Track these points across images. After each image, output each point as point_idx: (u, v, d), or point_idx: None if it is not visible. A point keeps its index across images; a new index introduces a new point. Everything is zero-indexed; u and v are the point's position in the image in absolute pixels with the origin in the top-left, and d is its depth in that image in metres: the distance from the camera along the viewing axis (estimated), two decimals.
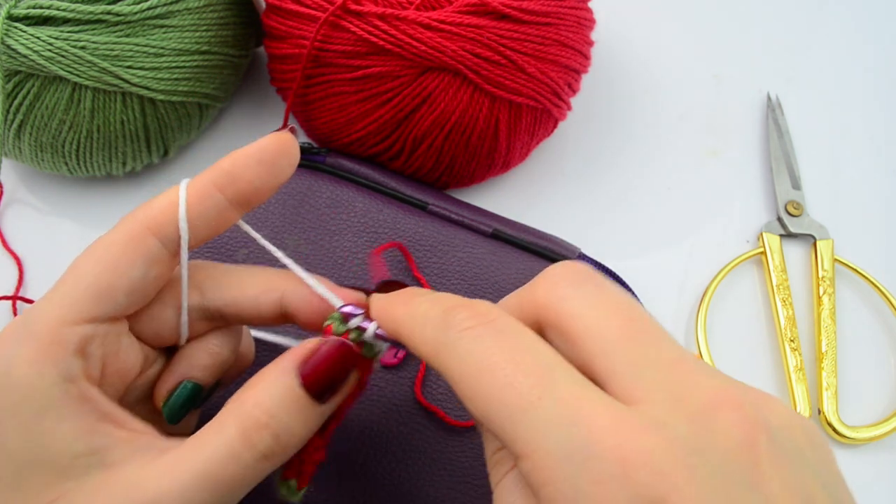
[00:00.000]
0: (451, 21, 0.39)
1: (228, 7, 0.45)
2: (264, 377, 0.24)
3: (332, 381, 0.24)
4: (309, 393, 0.24)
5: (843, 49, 0.56)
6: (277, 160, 0.26)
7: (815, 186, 0.49)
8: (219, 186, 0.26)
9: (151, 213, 0.26)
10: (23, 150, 0.43)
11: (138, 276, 0.25)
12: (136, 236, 0.25)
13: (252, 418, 0.23)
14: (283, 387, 0.24)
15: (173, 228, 0.25)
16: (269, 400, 0.23)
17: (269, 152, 0.26)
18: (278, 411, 0.23)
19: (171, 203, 0.26)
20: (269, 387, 0.24)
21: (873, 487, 0.40)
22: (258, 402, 0.23)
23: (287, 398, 0.24)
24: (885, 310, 0.45)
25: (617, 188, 0.49)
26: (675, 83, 0.54)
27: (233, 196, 0.26)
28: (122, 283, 0.25)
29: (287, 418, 0.23)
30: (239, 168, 0.26)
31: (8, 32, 0.38)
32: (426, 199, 0.42)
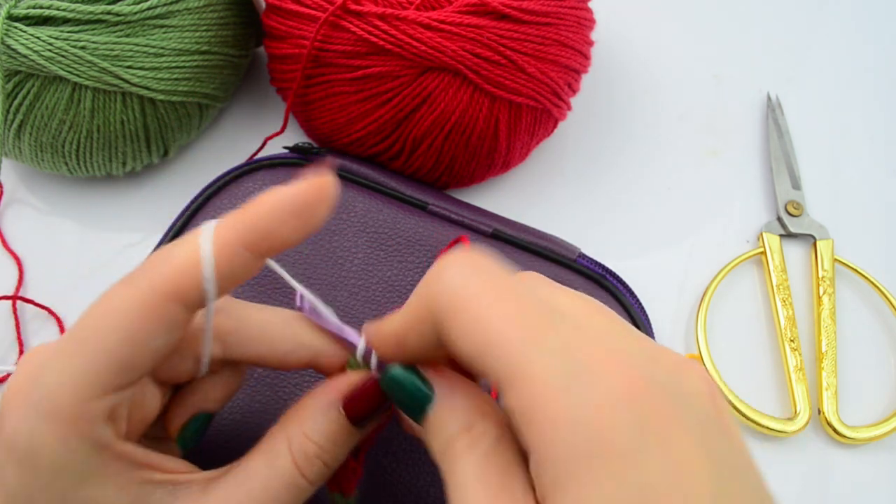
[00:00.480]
0: (451, 21, 0.39)
1: (228, 7, 0.45)
2: (311, 409, 0.26)
3: (372, 411, 0.25)
4: (352, 423, 0.25)
5: (843, 49, 0.56)
6: (315, 211, 0.24)
7: (815, 186, 0.49)
8: (248, 245, 0.23)
9: (172, 275, 0.23)
10: (23, 150, 0.43)
11: (161, 344, 0.23)
12: (157, 306, 0.23)
13: (304, 450, 0.25)
14: (331, 421, 0.25)
15: (196, 293, 0.23)
16: (319, 434, 0.25)
17: (308, 204, 0.23)
18: (327, 443, 0.25)
19: (192, 264, 0.23)
20: (317, 421, 0.25)
21: (873, 487, 0.40)
22: (308, 435, 0.25)
23: (335, 430, 0.25)
24: (885, 310, 0.45)
25: (617, 188, 0.49)
26: (675, 83, 0.54)
27: (264, 252, 0.24)
28: (143, 354, 0.23)
29: (334, 448, 0.25)
30: (271, 224, 0.23)
31: (8, 32, 0.38)
32: (426, 199, 0.42)
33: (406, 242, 0.41)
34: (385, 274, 0.40)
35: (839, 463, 0.40)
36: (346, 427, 0.25)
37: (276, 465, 0.24)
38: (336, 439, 0.25)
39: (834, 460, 0.40)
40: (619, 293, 0.40)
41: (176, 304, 0.23)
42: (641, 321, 0.40)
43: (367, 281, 0.39)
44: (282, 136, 0.47)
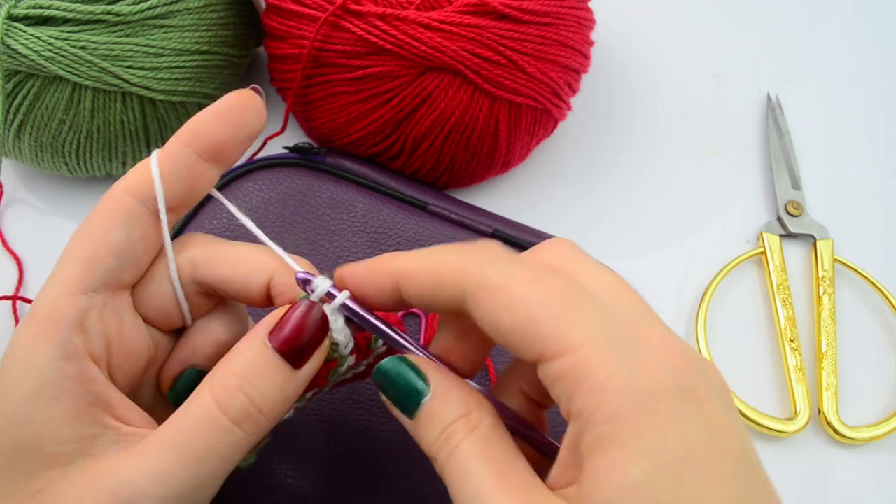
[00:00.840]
0: (451, 21, 0.39)
1: (228, 7, 0.45)
2: (238, 345, 0.25)
3: (304, 342, 0.24)
4: (282, 355, 0.24)
5: (843, 49, 0.56)
6: (239, 112, 0.26)
7: (815, 186, 0.49)
8: (185, 142, 0.26)
9: (127, 178, 0.26)
10: (23, 150, 0.43)
11: (121, 236, 0.25)
12: (114, 201, 0.26)
13: (224, 382, 0.23)
14: (254, 350, 0.24)
15: (149, 187, 0.26)
16: (241, 364, 0.24)
17: (228, 105, 0.26)
18: (249, 373, 0.23)
19: (144, 166, 0.26)
20: (240, 352, 0.24)
21: (873, 487, 0.40)
22: (230, 367, 0.24)
23: (258, 361, 0.24)
24: (885, 310, 0.45)
25: (617, 188, 0.49)
26: (675, 83, 0.54)
27: (199, 149, 0.26)
28: (107, 247, 0.25)
29: (259, 381, 0.23)
30: (201, 123, 0.26)
31: (8, 32, 0.38)
32: (426, 199, 0.42)
33: (406, 242, 0.41)
34: None
35: (839, 463, 0.40)
36: (272, 358, 0.24)
37: (194, 402, 0.23)
38: (261, 371, 0.23)
39: (834, 460, 0.40)
40: None
41: (129, 197, 0.26)
42: None
43: None
44: (282, 136, 0.47)
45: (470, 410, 0.23)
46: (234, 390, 0.23)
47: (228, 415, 0.23)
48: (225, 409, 0.23)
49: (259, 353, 0.24)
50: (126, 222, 0.26)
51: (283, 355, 0.24)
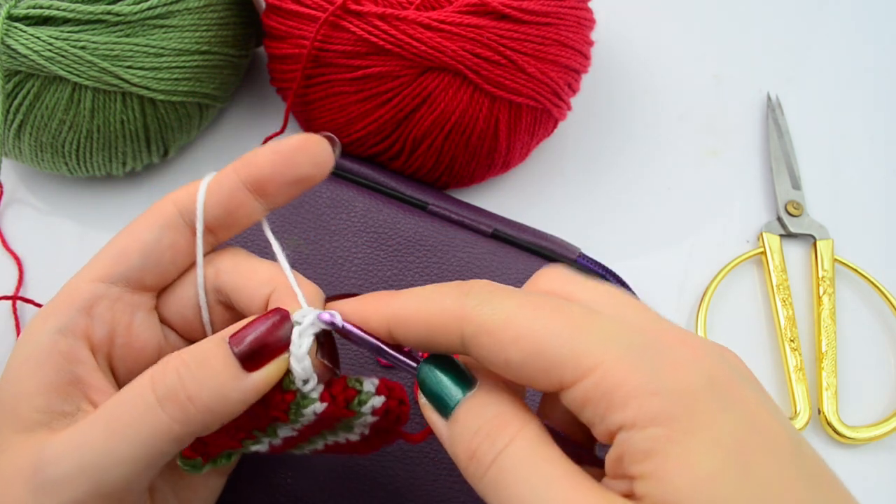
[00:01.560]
0: (451, 21, 0.39)
1: (228, 7, 0.45)
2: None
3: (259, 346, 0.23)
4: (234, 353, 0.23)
5: (843, 49, 0.56)
6: (294, 154, 0.27)
7: (815, 186, 0.49)
8: (234, 168, 0.27)
9: (178, 190, 0.27)
10: (23, 150, 0.43)
11: (152, 238, 0.26)
12: (159, 207, 0.27)
13: (166, 361, 0.23)
14: (210, 342, 0.23)
15: (192, 200, 0.27)
16: (190, 350, 0.23)
17: (286, 145, 0.27)
18: (193, 359, 0.23)
19: (194, 183, 0.27)
20: (198, 343, 0.24)
21: (873, 487, 0.40)
22: (180, 351, 0.23)
23: (208, 351, 0.23)
24: (885, 310, 0.45)
25: (617, 188, 0.49)
26: (675, 83, 0.54)
27: (245, 177, 0.27)
28: (135, 245, 0.26)
29: (199, 369, 0.23)
30: (256, 154, 0.27)
31: (8, 32, 0.38)
32: (426, 199, 0.42)
33: (406, 242, 0.41)
34: (385, 274, 0.40)
35: (839, 463, 0.40)
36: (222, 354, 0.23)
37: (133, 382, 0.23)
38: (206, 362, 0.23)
39: (834, 460, 0.40)
40: None
41: (171, 205, 0.27)
42: None
43: (367, 281, 0.39)
44: (282, 136, 0.47)
45: (518, 408, 0.22)
46: (171, 370, 0.23)
47: (156, 392, 0.22)
48: (154, 386, 0.22)
49: (212, 345, 0.23)
50: (160, 227, 0.27)
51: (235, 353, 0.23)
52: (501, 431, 0.21)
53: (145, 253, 0.26)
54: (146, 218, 0.27)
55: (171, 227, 0.27)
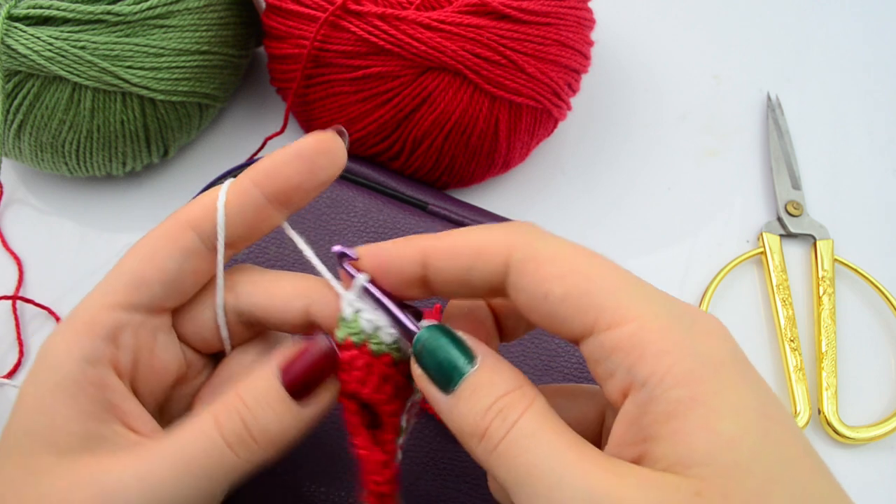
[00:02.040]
0: (451, 21, 0.39)
1: (228, 7, 0.45)
2: (250, 374, 0.25)
3: (308, 380, 0.24)
4: (287, 388, 0.24)
5: (843, 49, 0.56)
6: (316, 157, 0.26)
7: (815, 186, 0.49)
8: (256, 183, 0.26)
9: (192, 210, 0.26)
10: (23, 150, 0.43)
11: (174, 267, 0.26)
12: (175, 230, 0.26)
13: (227, 405, 0.24)
14: (262, 380, 0.24)
15: (211, 224, 0.26)
16: (246, 389, 0.24)
17: (307, 149, 0.26)
18: (253, 402, 0.24)
19: (211, 200, 0.26)
20: (250, 381, 0.24)
21: (873, 487, 0.40)
22: (238, 393, 0.24)
23: (264, 390, 0.24)
24: (885, 310, 0.45)
25: (617, 188, 0.49)
26: (675, 83, 0.54)
27: (270, 192, 0.26)
28: (157, 274, 0.25)
29: (260, 410, 0.24)
30: (276, 165, 0.26)
31: (8, 32, 0.38)
32: (426, 199, 0.42)
33: None
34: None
35: (839, 463, 0.40)
36: (276, 390, 0.24)
37: (197, 419, 0.24)
38: (264, 401, 0.24)
39: (834, 460, 0.40)
40: None
41: (190, 232, 0.26)
42: None
43: None
44: (282, 136, 0.47)
45: (523, 383, 0.22)
46: (234, 413, 0.24)
47: (223, 435, 0.23)
48: (221, 429, 0.23)
49: (266, 382, 0.24)
50: (182, 254, 0.26)
51: (288, 388, 0.24)
52: (512, 408, 0.21)
53: (168, 282, 0.26)
54: (165, 243, 0.26)
55: (193, 254, 0.26)
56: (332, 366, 0.24)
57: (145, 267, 0.26)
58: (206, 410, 0.24)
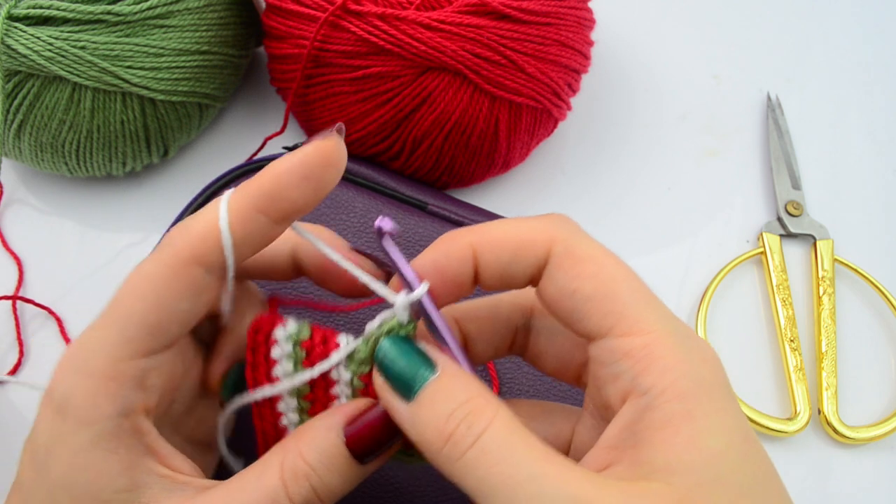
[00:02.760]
0: (451, 21, 0.39)
1: (228, 7, 0.45)
2: (311, 429, 0.25)
3: (375, 445, 0.24)
4: (352, 453, 0.24)
5: (843, 49, 0.56)
6: (322, 173, 0.24)
7: (815, 186, 0.49)
8: (260, 209, 0.24)
9: (192, 241, 0.24)
10: (23, 150, 0.43)
11: (187, 307, 0.25)
12: (180, 269, 0.24)
13: (294, 468, 0.24)
14: (328, 443, 0.24)
15: (216, 256, 0.24)
16: (313, 453, 0.24)
17: (312, 166, 0.24)
18: (319, 466, 0.24)
19: (211, 229, 0.24)
20: (314, 440, 0.24)
21: (873, 487, 0.40)
22: (302, 454, 0.24)
23: (330, 454, 0.24)
24: (885, 310, 0.45)
25: (617, 188, 0.49)
26: (675, 83, 0.54)
27: (276, 217, 0.24)
28: (172, 317, 0.24)
29: (327, 474, 0.24)
30: (281, 188, 0.24)
31: (8, 32, 0.38)
32: (426, 199, 0.42)
33: (406, 242, 0.41)
34: None
35: (839, 463, 0.40)
36: (343, 454, 0.24)
37: (264, 478, 0.24)
38: (331, 464, 0.24)
39: (834, 460, 0.40)
40: None
41: (198, 268, 0.24)
42: None
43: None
44: (282, 136, 0.47)
45: (483, 392, 0.22)
46: (303, 479, 0.23)
47: (291, 499, 0.23)
48: (290, 496, 0.23)
49: (332, 447, 0.24)
50: (193, 294, 0.25)
51: (353, 452, 0.24)
52: (479, 416, 0.21)
53: (184, 322, 0.25)
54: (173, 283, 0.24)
55: (204, 290, 0.25)
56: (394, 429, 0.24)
57: (158, 314, 0.24)
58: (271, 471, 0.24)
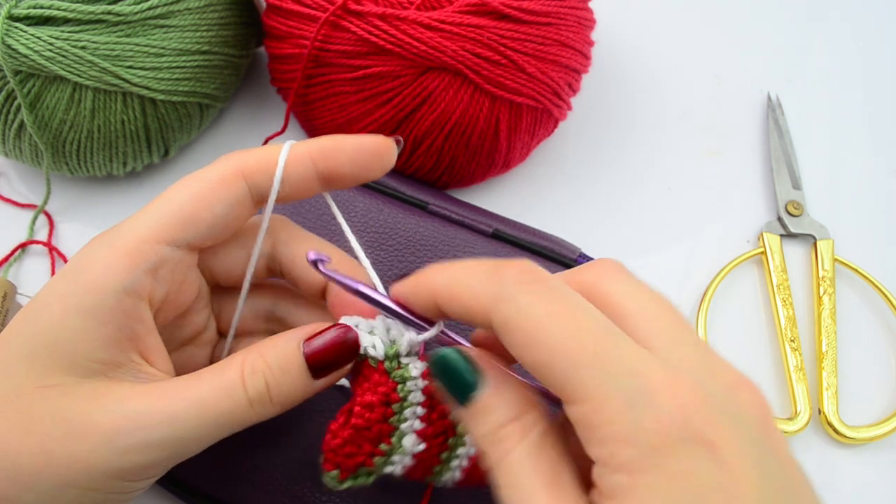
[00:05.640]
0: (451, 21, 0.39)
1: (229, 7, 0.45)
2: (275, 338, 0.27)
3: (328, 363, 0.26)
4: (307, 365, 0.26)
5: (843, 49, 0.56)
6: (370, 158, 0.28)
7: (815, 186, 0.49)
8: (313, 157, 0.28)
9: (247, 160, 0.27)
10: (23, 150, 0.43)
11: (222, 212, 0.27)
12: (229, 177, 0.27)
13: (253, 365, 0.26)
14: (287, 349, 0.26)
15: (262, 178, 0.27)
16: (272, 354, 0.26)
17: (366, 147, 0.28)
18: (276, 366, 0.26)
19: (267, 156, 0.28)
20: (275, 345, 0.26)
21: (873, 487, 0.40)
22: (262, 353, 0.26)
23: (287, 359, 0.26)
24: (885, 310, 0.45)
25: (617, 188, 0.49)
26: (675, 83, 0.54)
27: (322, 169, 0.28)
28: (206, 215, 0.27)
29: (281, 375, 0.26)
30: (336, 149, 0.28)
31: (8, 32, 0.38)
32: (426, 199, 0.42)
33: (406, 242, 0.41)
34: (385, 274, 0.40)
35: (839, 463, 0.40)
36: (299, 362, 0.26)
37: (225, 372, 0.26)
38: (286, 367, 0.26)
39: (834, 460, 0.40)
40: None
41: (242, 182, 0.27)
42: None
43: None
44: (282, 136, 0.47)
45: (523, 413, 0.23)
46: (259, 374, 0.26)
47: (247, 393, 0.26)
48: (246, 387, 0.26)
49: (290, 354, 0.26)
50: (231, 202, 0.27)
51: (308, 364, 0.26)
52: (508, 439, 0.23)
53: (214, 225, 0.27)
54: (217, 186, 0.27)
55: (240, 203, 0.27)
56: (351, 355, 0.26)
57: (196, 207, 0.27)
58: (232, 366, 0.26)
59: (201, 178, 0.27)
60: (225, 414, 0.25)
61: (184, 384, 0.26)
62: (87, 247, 0.27)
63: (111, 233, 0.27)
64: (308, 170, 0.28)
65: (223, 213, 0.27)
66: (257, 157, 0.28)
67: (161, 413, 0.25)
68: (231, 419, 0.26)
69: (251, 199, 0.28)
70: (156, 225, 0.26)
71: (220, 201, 0.27)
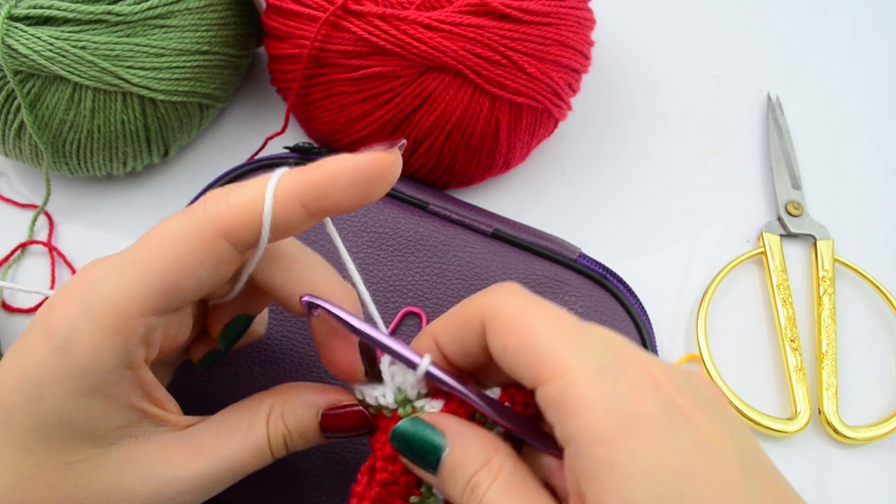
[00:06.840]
0: (451, 21, 0.39)
1: (229, 7, 0.45)
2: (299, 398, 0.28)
3: (342, 433, 0.28)
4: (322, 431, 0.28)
5: (843, 49, 0.56)
6: (372, 185, 0.25)
7: (815, 186, 0.49)
8: (304, 202, 0.24)
9: (227, 214, 0.24)
10: (23, 150, 0.43)
11: (206, 276, 0.25)
12: (209, 239, 0.24)
13: (276, 427, 0.28)
14: (307, 417, 0.28)
15: (248, 233, 0.24)
16: (292, 421, 0.28)
17: (365, 175, 0.25)
18: (295, 431, 0.28)
19: (250, 206, 0.24)
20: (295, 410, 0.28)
21: (873, 487, 0.40)
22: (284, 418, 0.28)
23: (305, 427, 0.28)
24: (885, 310, 0.45)
25: (617, 188, 0.49)
26: (675, 83, 0.54)
27: (316, 212, 0.25)
28: (190, 282, 0.25)
29: (298, 438, 0.28)
30: (330, 187, 0.24)
31: (8, 32, 0.38)
32: (426, 199, 0.42)
33: (406, 242, 0.41)
34: (385, 274, 0.40)
35: (839, 463, 0.40)
36: (315, 430, 0.28)
37: (254, 429, 0.27)
38: (303, 433, 0.28)
39: (834, 460, 0.40)
40: (620, 293, 0.40)
41: (226, 242, 0.25)
42: (642, 321, 0.40)
43: (368, 281, 0.39)
44: (282, 136, 0.47)
45: (490, 457, 0.24)
46: (281, 437, 0.28)
47: (272, 450, 0.28)
48: (271, 447, 0.28)
49: (309, 421, 0.28)
50: (214, 263, 0.25)
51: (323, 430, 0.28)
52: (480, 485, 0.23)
53: (200, 288, 0.25)
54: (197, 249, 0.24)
55: (225, 262, 0.25)
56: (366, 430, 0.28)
57: (177, 277, 0.24)
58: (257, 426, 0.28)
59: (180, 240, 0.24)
60: (251, 468, 0.28)
61: (214, 441, 0.27)
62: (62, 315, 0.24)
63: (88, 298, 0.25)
64: (298, 216, 0.25)
65: (208, 276, 0.25)
66: (239, 211, 0.24)
67: (197, 477, 0.26)
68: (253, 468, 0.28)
69: (236, 254, 0.25)
70: (139, 298, 0.24)
71: (202, 266, 0.24)
